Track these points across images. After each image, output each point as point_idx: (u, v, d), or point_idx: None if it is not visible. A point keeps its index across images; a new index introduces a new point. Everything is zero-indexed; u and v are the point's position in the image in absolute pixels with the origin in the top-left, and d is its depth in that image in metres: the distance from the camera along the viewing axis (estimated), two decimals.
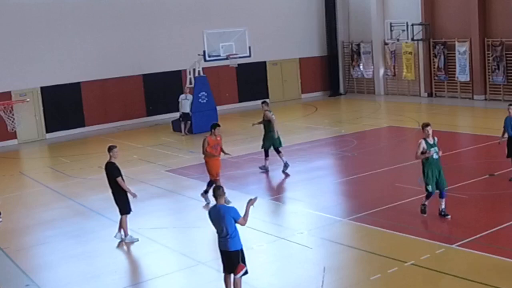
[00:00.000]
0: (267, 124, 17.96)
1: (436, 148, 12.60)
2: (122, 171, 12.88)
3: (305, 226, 13.14)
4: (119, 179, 12.62)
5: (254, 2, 33.03)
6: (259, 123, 18.42)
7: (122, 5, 29.44)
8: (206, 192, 15.08)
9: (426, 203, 12.85)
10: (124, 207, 12.91)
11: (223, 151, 15.11)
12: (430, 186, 12.64)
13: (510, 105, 15.42)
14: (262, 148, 18.29)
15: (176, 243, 13.01)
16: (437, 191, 12.79)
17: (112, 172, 12.64)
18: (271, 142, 17.97)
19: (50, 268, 12.05)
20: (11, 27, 26.67)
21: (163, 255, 12.25)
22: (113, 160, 12.74)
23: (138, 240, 12.94)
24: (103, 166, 12.92)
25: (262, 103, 18.45)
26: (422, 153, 12.51)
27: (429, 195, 12.80)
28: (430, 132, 12.61)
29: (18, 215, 15.72)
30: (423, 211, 12.87)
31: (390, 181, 16.21)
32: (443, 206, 12.86)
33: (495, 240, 11.27)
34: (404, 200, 14.26)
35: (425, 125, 12.74)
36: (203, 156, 15.04)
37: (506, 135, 15.47)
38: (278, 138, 17.90)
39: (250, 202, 9.30)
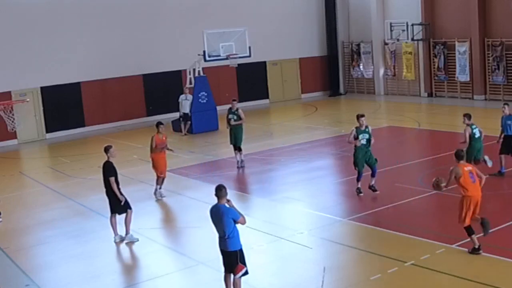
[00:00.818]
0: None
1: (366, 135, 14.69)
2: (120, 171, 12.86)
3: (305, 226, 13.14)
4: (112, 179, 12.57)
5: (254, 2, 33.03)
6: (235, 120, 18.89)
7: (122, 5, 29.44)
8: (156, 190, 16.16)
9: (359, 185, 14.86)
10: (114, 207, 12.86)
11: (168, 148, 16.22)
12: (358, 167, 14.75)
13: (505, 104, 15.73)
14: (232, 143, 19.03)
15: (176, 243, 13.02)
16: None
17: (108, 170, 12.66)
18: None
19: (50, 268, 12.05)
20: (11, 27, 26.67)
21: (163, 255, 12.26)
22: (111, 159, 12.78)
23: (138, 240, 12.91)
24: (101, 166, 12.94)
25: (233, 100, 19.45)
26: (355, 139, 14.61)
27: (359, 176, 14.81)
28: (363, 122, 14.73)
29: (18, 215, 15.72)
30: (358, 193, 14.86)
31: (390, 181, 16.21)
32: (373, 182, 14.93)
33: (495, 240, 11.26)
34: (404, 200, 14.27)
35: (360, 116, 14.87)
36: (154, 154, 15.93)
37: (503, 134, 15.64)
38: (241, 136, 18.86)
39: (229, 203, 9.23)
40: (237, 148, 18.78)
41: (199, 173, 18.89)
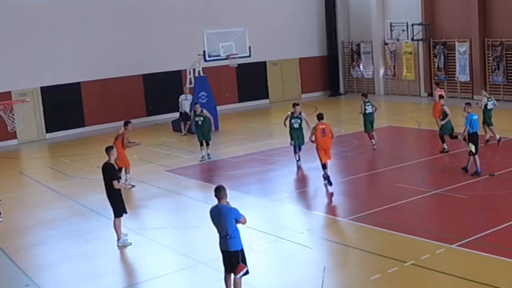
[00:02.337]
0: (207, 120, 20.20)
1: (298, 120, 18.17)
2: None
3: (305, 226, 13.15)
4: (115, 182, 12.34)
5: (254, 2, 33.03)
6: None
7: (122, 5, 29.44)
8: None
9: (297, 158, 18.40)
10: (118, 210, 12.58)
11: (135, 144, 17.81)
12: (292, 142, 18.22)
13: (467, 104, 16.21)
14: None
15: (176, 243, 13.01)
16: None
17: (112, 172, 12.41)
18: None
19: (50, 268, 12.04)
20: (11, 27, 26.68)
21: (163, 255, 12.25)
22: (111, 161, 12.60)
23: (131, 244, 12.73)
24: (102, 167, 12.80)
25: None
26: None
27: (294, 148, 18.36)
28: (297, 110, 18.24)
29: (18, 215, 15.72)
30: (298, 165, 18.19)
31: (390, 181, 16.21)
32: (297, 158, 18.38)
33: (495, 240, 11.27)
34: (404, 200, 14.26)
35: (295, 104, 18.49)
36: (124, 149, 17.03)
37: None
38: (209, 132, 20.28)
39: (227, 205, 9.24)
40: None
41: (199, 173, 18.89)
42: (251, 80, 33.12)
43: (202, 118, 19.97)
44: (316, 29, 35.58)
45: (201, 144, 20.18)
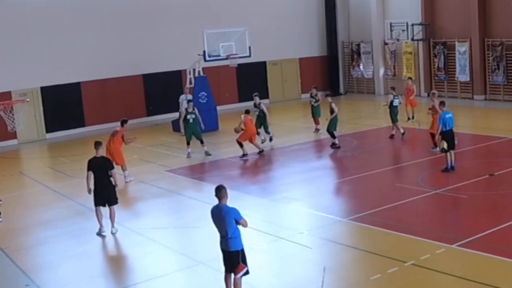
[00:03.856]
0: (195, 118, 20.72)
1: (193, 115, 20.26)
2: (120, 171, 12.98)
3: (305, 226, 13.14)
4: (113, 171, 13.26)
5: (254, 2, 33.03)
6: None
7: (122, 5, 29.45)
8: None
9: (189, 150, 20.62)
10: (95, 199, 13.49)
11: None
12: (186, 137, 20.41)
13: (441, 102, 16.56)
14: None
15: (176, 243, 13.01)
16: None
17: (109, 164, 13.28)
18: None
19: (50, 268, 12.04)
20: (11, 27, 26.68)
21: (163, 255, 12.25)
22: (97, 155, 13.34)
23: (105, 237, 13.20)
24: (95, 161, 13.33)
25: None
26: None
27: (188, 143, 20.55)
28: (190, 105, 20.45)
29: (18, 215, 15.72)
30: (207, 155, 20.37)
31: (390, 181, 16.22)
32: (205, 149, 20.61)
33: (495, 240, 11.27)
34: (404, 200, 14.27)
35: (189, 100, 22.01)
36: (121, 145, 17.94)
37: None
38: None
39: None
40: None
41: (199, 173, 18.89)
42: (251, 80, 33.12)
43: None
44: (316, 29, 35.58)
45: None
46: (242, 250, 9.16)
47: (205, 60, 25.31)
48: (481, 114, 26.63)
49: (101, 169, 13.21)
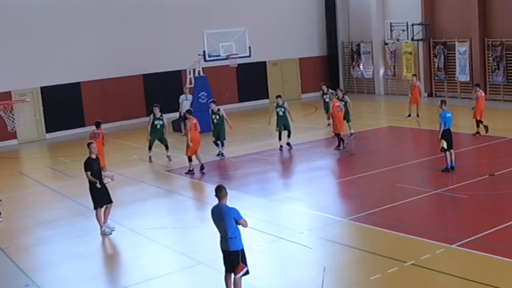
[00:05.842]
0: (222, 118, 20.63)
1: (160, 121, 20.18)
2: (120, 171, 12.99)
3: (305, 226, 13.14)
4: (88, 173, 13.44)
5: (254, 2, 33.03)
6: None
7: (122, 5, 29.45)
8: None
9: (151, 154, 20.38)
10: (94, 201, 13.59)
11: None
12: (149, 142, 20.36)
13: (442, 101, 16.54)
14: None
15: (176, 243, 13.01)
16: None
17: (85, 166, 13.56)
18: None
19: (50, 268, 12.05)
20: (11, 27, 26.68)
21: (163, 255, 12.25)
22: (92, 155, 13.57)
23: (111, 234, 13.30)
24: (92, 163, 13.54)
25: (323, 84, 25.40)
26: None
27: (149, 148, 20.38)
28: (157, 111, 20.19)
29: (18, 215, 15.72)
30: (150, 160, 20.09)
31: (390, 181, 16.21)
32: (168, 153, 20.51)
33: (495, 240, 11.27)
34: (404, 200, 14.26)
35: (155, 105, 20.42)
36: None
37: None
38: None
39: None
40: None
41: (199, 173, 18.88)
42: (251, 80, 33.12)
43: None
44: (316, 29, 35.57)
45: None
46: (242, 250, 9.16)
47: (205, 60, 25.29)
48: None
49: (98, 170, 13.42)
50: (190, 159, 18.50)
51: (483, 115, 20.64)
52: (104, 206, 13.46)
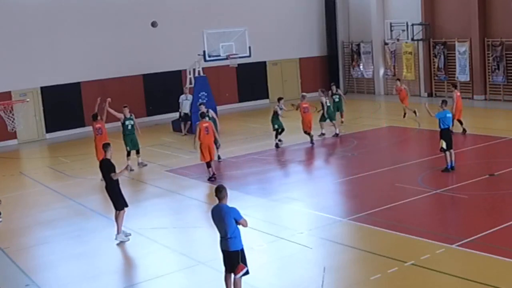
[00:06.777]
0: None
1: (131, 121, 19.83)
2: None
3: (305, 226, 13.14)
4: (113, 174, 12.69)
5: (254, 2, 33.03)
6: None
7: (122, 5, 29.44)
8: None
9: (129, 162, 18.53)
10: (118, 203, 12.95)
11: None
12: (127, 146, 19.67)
13: (443, 101, 16.59)
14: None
15: (176, 243, 13.01)
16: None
17: (108, 167, 12.75)
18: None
19: (50, 268, 12.05)
20: (11, 27, 26.67)
21: (163, 255, 12.25)
22: (108, 156, 12.88)
23: (128, 240, 12.90)
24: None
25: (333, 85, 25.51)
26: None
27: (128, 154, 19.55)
28: (127, 111, 19.96)
29: (18, 215, 15.72)
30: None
31: (390, 181, 16.21)
32: (139, 161, 19.90)
33: (495, 240, 11.27)
34: (404, 200, 14.26)
35: (124, 106, 20.21)
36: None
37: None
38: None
39: None
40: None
41: (199, 173, 18.87)
42: (251, 80, 33.12)
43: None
44: (316, 29, 35.57)
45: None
46: (242, 250, 9.16)
47: (205, 60, 25.29)
48: (481, 114, 26.60)
49: (102, 173, 13.05)
50: (208, 165, 17.39)
51: (461, 114, 20.83)
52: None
